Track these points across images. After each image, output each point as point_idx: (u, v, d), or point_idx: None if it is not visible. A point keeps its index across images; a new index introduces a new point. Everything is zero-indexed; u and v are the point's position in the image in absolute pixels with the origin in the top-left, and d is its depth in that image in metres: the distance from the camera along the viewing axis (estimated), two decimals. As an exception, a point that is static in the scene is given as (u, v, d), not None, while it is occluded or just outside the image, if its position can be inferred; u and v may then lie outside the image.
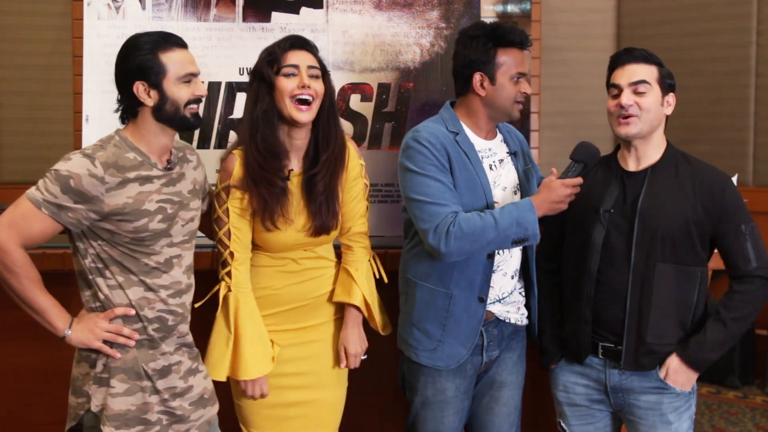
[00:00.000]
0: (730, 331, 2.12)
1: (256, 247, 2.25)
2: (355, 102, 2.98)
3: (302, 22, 2.98)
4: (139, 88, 1.95)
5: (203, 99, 2.04)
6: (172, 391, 2.05)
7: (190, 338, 2.13)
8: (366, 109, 2.99)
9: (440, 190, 2.14)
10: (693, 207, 2.13)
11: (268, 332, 2.26)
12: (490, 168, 2.26)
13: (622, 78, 2.18)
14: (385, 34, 3.01)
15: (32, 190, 1.92)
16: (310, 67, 2.14)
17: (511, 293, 2.31)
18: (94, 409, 1.98)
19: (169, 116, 1.98)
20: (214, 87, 2.95)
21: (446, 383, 2.26)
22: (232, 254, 2.19)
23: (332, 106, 2.22)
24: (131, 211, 1.94)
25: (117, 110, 2.03)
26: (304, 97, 2.11)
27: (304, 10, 3.00)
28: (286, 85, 2.12)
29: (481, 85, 2.22)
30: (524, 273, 2.37)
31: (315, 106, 2.14)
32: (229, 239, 2.18)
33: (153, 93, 1.96)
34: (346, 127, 2.95)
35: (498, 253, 2.24)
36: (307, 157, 2.22)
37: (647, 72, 2.16)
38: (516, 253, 2.31)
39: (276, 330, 2.26)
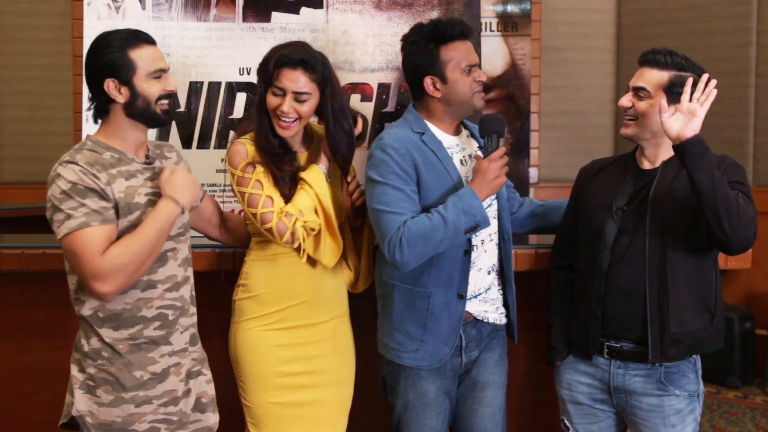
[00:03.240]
0: (718, 177, 2.00)
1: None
2: (355, 102, 2.98)
3: (302, 22, 2.98)
4: (110, 86, 1.96)
5: (174, 94, 2.06)
6: (173, 394, 2.03)
7: (193, 330, 2.12)
8: (366, 109, 2.99)
9: (397, 199, 2.11)
10: None
11: (281, 329, 2.26)
12: (461, 163, 2.25)
13: (632, 79, 2.20)
14: (385, 34, 3.01)
15: (64, 225, 1.86)
16: (297, 93, 2.16)
17: (488, 290, 2.29)
18: (74, 413, 1.97)
19: (140, 112, 1.98)
20: (214, 87, 2.95)
21: (427, 385, 2.25)
22: (277, 204, 2.18)
23: (336, 115, 2.23)
24: (124, 206, 1.94)
25: (89, 109, 2.03)
26: (283, 118, 2.18)
27: (304, 10, 3.00)
28: (272, 101, 2.19)
29: (434, 87, 2.20)
30: (501, 270, 2.34)
31: (299, 124, 2.21)
32: (272, 204, 2.17)
33: (124, 90, 1.96)
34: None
35: (473, 248, 2.23)
36: (307, 140, 2.31)
37: (652, 78, 2.15)
38: (491, 248, 2.28)
39: (288, 327, 2.26)
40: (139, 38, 1.99)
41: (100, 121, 2.04)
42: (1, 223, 4.08)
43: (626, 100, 2.19)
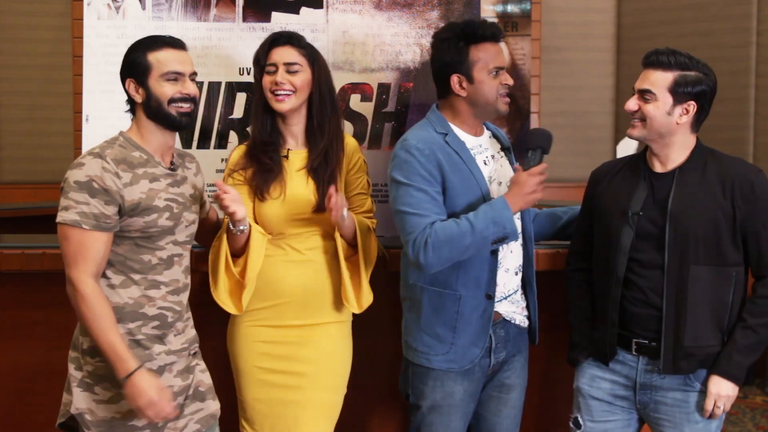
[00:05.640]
0: (761, 337, 2.14)
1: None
2: (355, 102, 2.98)
3: (302, 22, 2.98)
4: (130, 86, 2.05)
5: (194, 98, 2.08)
6: (170, 390, 2.04)
7: (190, 334, 2.14)
8: (366, 109, 2.99)
9: (422, 200, 2.11)
10: (723, 205, 2.11)
11: (266, 326, 2.28)
12: (484, 163, 2.25)
13: (637, 81, 2.19)
14: (385, 34, 3.01)
15: (63, 213, 1.92)
16: (288, 63, 2.28)
17: (516, 291, 2.30)
18: (73, 411, 1.99)
19: (154, 113, 2.04)
20: (214, 87, 2.95)
21: (455, 387, 2.24)
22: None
23: (323, 95, 2.32)
24: (145, 207, 1.98)
25: (127, 111, 2.11)
26: (278, 92, 2.26)
27: (304, 10, 3.00)
28: (266, 80, 2.30)
29: (460, 85, 2.20)
30: (523, 271, 2.35)
31: (295, 97, 2.29)
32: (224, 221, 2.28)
33: (141, 90, 2.04)
34: (347, 127, 2.96)
35: (500, 249, 2.22)
36: (307, 140, 2.35)
37: (657, 80, 2.13)
38: (516, 249, 2.29)
39: (273, 325, 2.28)
40: (163, 42, 2.06)
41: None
42: (1, 223, 4.08)
43: (633, 104, 2.17)
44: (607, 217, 2.23)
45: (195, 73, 2.09)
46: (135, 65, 2.02)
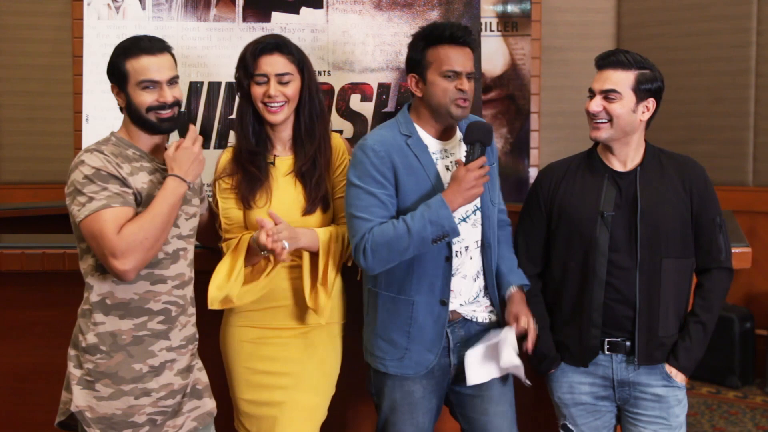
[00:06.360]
0: (708, 330, 2.24)
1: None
2: (355, 102, 2.98)
3: (302, 22, 2.99)
4: (114, 90, 2.07)
5: (174, 104, 2.06)
6: (170, 388, 2.06)
7: (190, 331, 2.15)
8: (366, 109, 2.99)
9: (369, 204, 2.11)
10: (684, 200, 2.21)
11: (257, 327, 2.29)
12: (447, 169, 2.22)
13: (596, 83, 2.21)
14: (385, 34, 3.01)
15: (88, 206, 1.91)
16: (279, 74, 2.23)
17: (476, 298, 2.28)
18: (73, 409, 2.00)
19: (135, 118, 2.05)
20: (214, 87, 2.95)
21: (414, 386, 2.24)
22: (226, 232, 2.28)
23: (312, 99, 2.30)
24: (147, 196, 2.00)
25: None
26: (271, 104, 2.23)
27: (304, 10, 3.00)
28: (257, 91, 2.25)
29: (416, 86, 2.20)
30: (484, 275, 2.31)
31: (288, 107, 2.26)
32: (220, 228, 2.30)
33: (122, 95, 2.05)
34: (346, 127, 2.96)
35: (456, 255, 2.20)
36: (293, 145, 2.33)
37: (620, 79, 2.16)
38: (476, 255, 2.26)
39: (264, 326, 2.28)
40: (139, 48, 2.03)
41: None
42: (1, 223, 4.08)
43: (597, 105, 2.18)
44: (577, 219, 2.22)
45: (176, 77, 2.07)
46: (116, 72, 2.03)
